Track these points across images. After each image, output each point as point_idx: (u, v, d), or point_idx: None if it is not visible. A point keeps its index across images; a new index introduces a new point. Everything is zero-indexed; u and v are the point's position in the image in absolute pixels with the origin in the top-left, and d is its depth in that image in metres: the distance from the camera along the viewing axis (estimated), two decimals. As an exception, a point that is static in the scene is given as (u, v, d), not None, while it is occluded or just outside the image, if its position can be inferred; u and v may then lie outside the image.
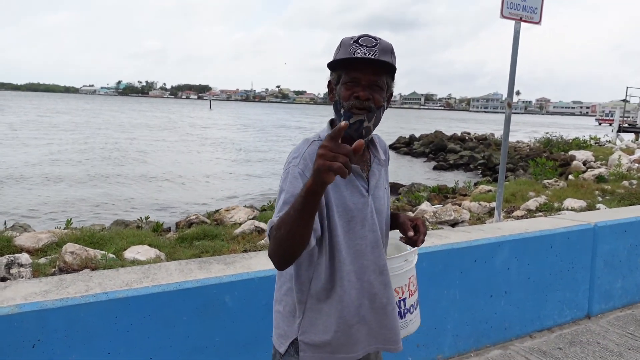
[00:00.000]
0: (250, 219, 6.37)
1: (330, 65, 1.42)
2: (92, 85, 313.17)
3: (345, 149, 1.04)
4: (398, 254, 1.77)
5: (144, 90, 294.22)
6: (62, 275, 2.44)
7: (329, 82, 1.47)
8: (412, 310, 1.75)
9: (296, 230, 1.18)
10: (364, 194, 1.45)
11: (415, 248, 1.69)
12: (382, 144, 1.61)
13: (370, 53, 1.34)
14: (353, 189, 1.42)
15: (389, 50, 1.39)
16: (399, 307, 1.69)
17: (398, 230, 1.70)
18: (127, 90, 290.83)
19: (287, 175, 1.36)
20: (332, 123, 1.51)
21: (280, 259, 1.26)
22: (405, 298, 1.72)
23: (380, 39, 1.38)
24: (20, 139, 27.62)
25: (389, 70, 1.40)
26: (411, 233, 1.53)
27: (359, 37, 1.37)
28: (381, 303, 1.51)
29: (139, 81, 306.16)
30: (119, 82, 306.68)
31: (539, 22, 4.16)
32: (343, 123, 1.06)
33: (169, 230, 6.99)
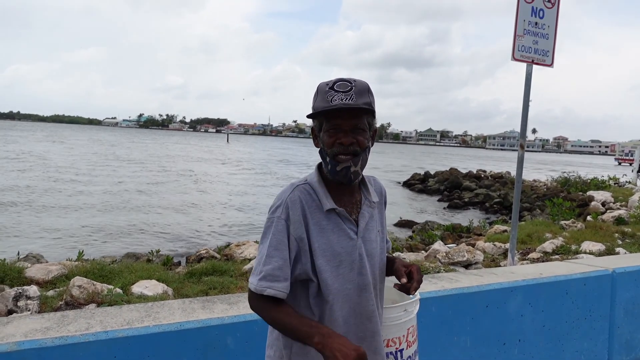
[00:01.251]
0: (260, 255, 6.32)
1: (311, 114, 1.44)
2: (115, 118, 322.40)
3: (360, 352, 1.16)
4: (401, 301, 1.72)
5: (164, 123, 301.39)
6: (65, 311, 2.43)
7: (312, 129, 1.50)
8: (412, 358, 1.69)
9: (286, 335, 1.33)
10: (352, 237, 1.43)
11: (417, 298, 1.64)
12: (377, 185, 1.60)
13: (346, 98, 1.35)
14: (340, 233, 1.41)
15: (365, 90, 1.40)
16: (395, 357, 1.64)
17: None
18: (148, 123, 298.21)
19: (271, 226, 1.38)
20: (319, 168, 1.51)
21: (268, 322, 1.38)
22: (403, 349, 1.66)
23: (355, 80, 1.39)
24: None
25: (368, 110, 1.41)
26: (404, 280, 1.48)
27: (334, 83, 1.39)
28: (370, 351, 1.45)
29: (159, 114, 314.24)
30: (140, 115, 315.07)
31: (551, 65, 4.18)
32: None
33: (179, 264, 6.99)
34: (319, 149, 1.47)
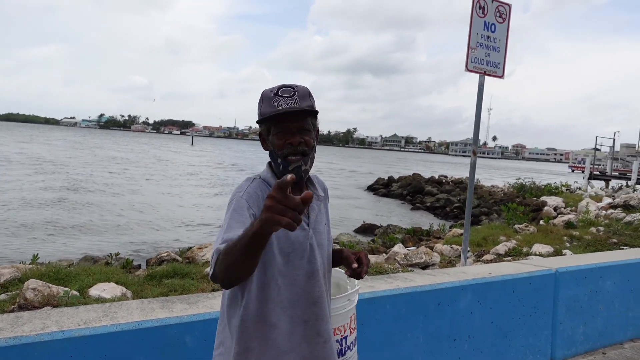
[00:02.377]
0: (222, 258, 6.32)
1: (260, 120, 1.53)
2: (74, 118, 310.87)
3: (294, 201, 1.03)
4: (339, 292, 1.85)
5: (126, 124, 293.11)
6: (20, 312, 2.40)
7: (260, 134, 1.60)
8: (352, 347, 1.82)
9: (241, 264, 1.21)
10: (304, 227, 1.54)
11: (357, 288, 1.79)
12: (320, 182, 1.73)
13: (291, 102, 1.48)
14: None
15: (307, 94, 1.53)
16: (340, 345, 1.75)
17: (338, 269, 1.80)
18: (109, 124, 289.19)
19: (232, 205, 1.46)
20: (270, 165, 1.61)
21: (226, 281, 1.30)
22: (347, 336, 1.79)
23: (297, 86, 1.53)
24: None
25: (312, 112, 1.53)
26: (355, 265, 1.61)
27: (278, 89, 1.51)
28: (313, 332, 1.54)
29: (121, 115, 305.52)
30: (101, 115, 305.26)
31: (502, 76, 4.43)
32: (289, 176, 1.04)
33: (139, 267, 6.87)
34: (268, 151, 1.57)
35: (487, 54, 4.28)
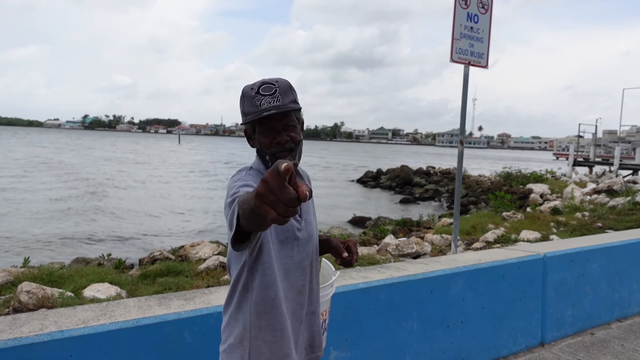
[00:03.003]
0: (215, 255, 6.34)
1: (243, 121, 1.53)
2: (57, 119, 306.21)
3: (290, 194, 0.87)
4: (324, 281, 1.92)
5: (111, 125, 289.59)
6: (16, 314, 2.41)
7: (245, 131, 1.60)
8: (327, 328, 1.90)
9: (253, 220, 1.05)
10: (297, 218, 1.57)
11: (337, 274, 1.84)
12: (305, 174, 1.74)
13: (273, 100, 1.47)
14: None
15: (288, 88, 1.52)
16: (322, 328, 1.83)
17: (324, 259, 1.84)
18: (94, 124, 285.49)
19: (237, 180, 1.46)
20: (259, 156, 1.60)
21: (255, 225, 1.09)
22: (326, 319, 1.87)
23: (277, 80, 1.51)
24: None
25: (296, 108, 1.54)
26: (345, 254, 1.66)
27: (259, 87, 1.49)
28: (298, 322, 1.59)
29: (106, 115, 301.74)
30: (86, 116, 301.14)
31: (486, 66, 4.49)
32: (284, 166, 0.87)
33: (131, 267, 6.86)
34: (255, 148, 1.58)
35: (471, 44, 4.34)
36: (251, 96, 1.49)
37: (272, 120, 1.49)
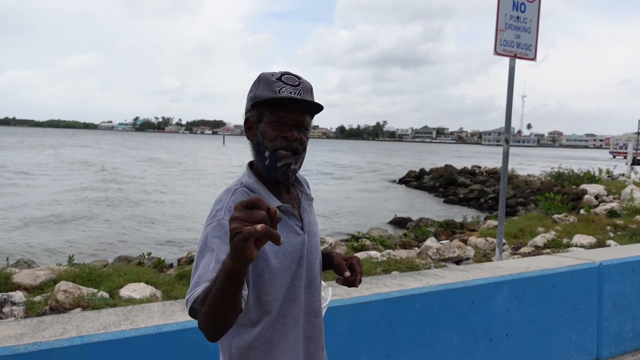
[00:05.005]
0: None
1: (253, 103, 1.35)
2: (111, 122, 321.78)
3: (259, 216, 0.89)
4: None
5: (160, 126, 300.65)
6: (43, 317, 2.41)
7: (247, 119, 1.40)
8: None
9: (222, 308, 1.05)
10: (299, 232, 1.38)
11: (330, 290, 1.62)
12: (304, 180, 1.55)
13: (295, 92, 1.31)
14: (288, 230, 1.35)
15: (310, 89, 1.36)
16: None
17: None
18: (144, 126, 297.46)
19: (208, 229, 1.26)
20: (251, 166, 1.43)
21: (211, 333, 1.12)
22: None
23: (301, 77, 1.35)
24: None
25: (313, 110, 1.37)
26: (348, 273, 1.45)
27: (282, 75, 1.33)
28: (317, 349, 1.43)
29: (155, 117, 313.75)
30: (136, 119, 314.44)
31: (534, 59, 4.17)
32: (272, 209, 0.90)
33: (170, 266, 6.95)
34: (253, 141, 1.38)
35: (517, 35, 4.03)
36: (270, 81, 1.32)
37: (286, 110, 1.31)
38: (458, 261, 5.75)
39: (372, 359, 2.74)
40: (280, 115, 1.32)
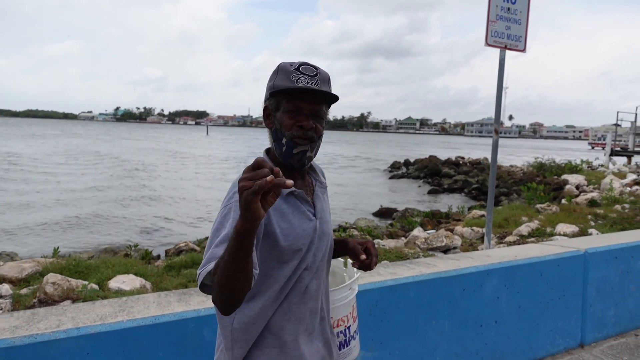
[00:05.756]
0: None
1: (272, 92, 1.39)
2: (91, 112, 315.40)
3: (263, 172, 0.98)
4: (335, 281, 1.78)
5: (141, 116, 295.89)
6: (36, 309, 2.37)
7: (266, 108, 1.44)
8: (355, 336, 1.76)
9: (234, 274, 1.09)
10: (311, 218, 1.42)
11: (357, 276, 1.70)
12: (319, 168, 1.60)
13: (312, 82, 1.35)
14: (300, 215, 1.40)
15: (327, 80, 1.41)
16: (345, 335, 1.69)
17: (338, 259, 1.72)
18: (125, 117, 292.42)
19: (230, 212, 1.29)
20: (268, 152, 1.48)
21: (224, 305, 1.17)
22: (350, 325, 1.72)
23: (319, 68, 1.40)
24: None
25: (330, 100, 1.41)
26: (363, 256, 1.50)
27: (300, 65, 1.38)
28: (321, 327, 1.49)
29: (137, 107, 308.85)
30: (117, 109, 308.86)
31: (523, 50, 4.22)
32: (276, 169, 0.99)
33: (158, 258, 6.90)
34: (271, 129, 1.42)
35: (507, 27, 4.06)
36: (289, 71, 1.37)
37: (303, 100, 1.36)
38: (445, 250, 5.84)
39: (367, 346, 2.77)
40: (297, 104, 1.36)
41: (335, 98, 1.40)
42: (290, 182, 0.98)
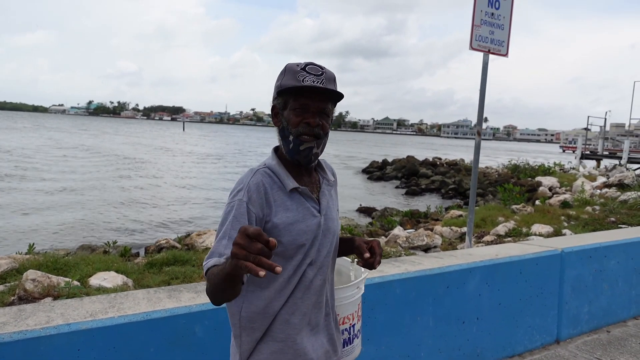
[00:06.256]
0: (222, 244, 6.25)
1: (279, 91, 1.43)
2: (62, 105, 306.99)
3: (256, 247, 1.00)
4: (340, 280, 1.82)
5: (115, 111, 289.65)
6: (22, 305, 2.32)
7: (274, 107, 1.48)
8: (358, 335, 1.80)
9: (222, 290, 1.19)
10: (315, 214, 1.46)
11: (365, 275, 1.75)
12: (329, 166, 1.64)
13: (317, 81, 1.39)
14: (305, 211, 1.44)
15: (332, 79, 1.44)
16: (349, 333, 1.73)
17: (345, 258, 1.76)
18: (98, 111, 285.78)
19: (232, 210, 1.36)
20: (276, 151, 1.52)
21: (214, 302, 1.27)
22: (355, 324, 1.77)
23: (325, 67, 1.44)
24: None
25: (335, 98, 1.45)
26: (367, 255, 1.53)
27: (306, 65, 1.42)
28: (315, 322, 1.52)
29: (110, 101, 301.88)
30: (90, 102, 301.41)
31: (506, 55, 4.33)
32: (272, 241, 1.01)
33: (137, 255, 6.79)
34: (279, 127, 1.47)
35: (491, 31, 4.17)
36: (295, 71, 1.41)
37: (309, 98, 1.40)
38: (426, 249, 5.94)
39: (354, 342, 2.82)
40: (303, 102, 1.40)
41: (340, 96, 1.45)
42: (279, 268, 0.99)
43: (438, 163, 30.10)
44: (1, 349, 1.86)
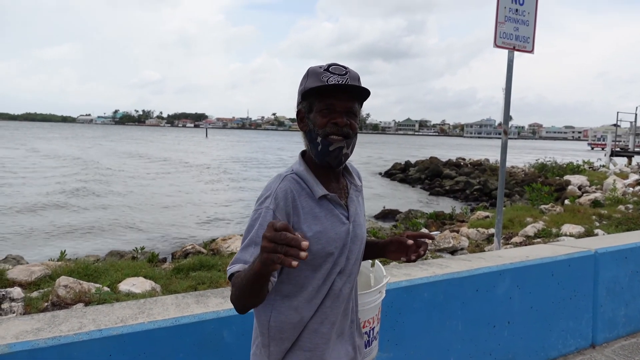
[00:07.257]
0: (247, 249, 6.29)
1: (303, 94, 1.39)
2: (89, 115, 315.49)
3: (285, 237, 0.99)
4: (359, 281, 1.81)
5: (140, 119, 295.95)
6: (55, 311, 2.37)
7: (299, 111, 1.44)
8: (377, 337, 1.79)
9: (249, 295, 1.20)
10: (344, 221, 1.42)
11: (387, 280, 1.73)
12: (355, 170, 1.59)
13: (342, 80, 1.35)
14: (333, 219, 1.40)
15: (357, 78, 1.40)
16: (369, 336, 1.71)
17: (369, 260, 1.76)
18: (124, 119, 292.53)
19: (259, 217, 1.33)
20: (303, 155, 1.48)
21: (239, 309, 1.27)
22: (374, 327, 1.75)
23: (348, 67, 1.40)
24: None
25: (361, 96, 1.40)
26: (411, 241, 1.50)
27: (329, 66, 1.38)
28: (341, 330, 1.49)
29: (135, 110, 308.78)
30: (116, 112, 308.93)
31: (531, 51, 4.23)
32: (305, 244, 0.99)
33: (164, 260, 6.90)
34: (305, 131, 1.42)
35: (515, 28, 4.08)
36: (318, 72, 1.37)
37: (335, 98, 1.35)
38: (453, 251, 5.85)
39: (382, 346, 2.77)
40: (329, 102, 1.36)
41: (367, 93, 1.39)
42: (304, 253, 0.98)
43: (462, 163, 29.68)
44: (37, 355, 1.90)
